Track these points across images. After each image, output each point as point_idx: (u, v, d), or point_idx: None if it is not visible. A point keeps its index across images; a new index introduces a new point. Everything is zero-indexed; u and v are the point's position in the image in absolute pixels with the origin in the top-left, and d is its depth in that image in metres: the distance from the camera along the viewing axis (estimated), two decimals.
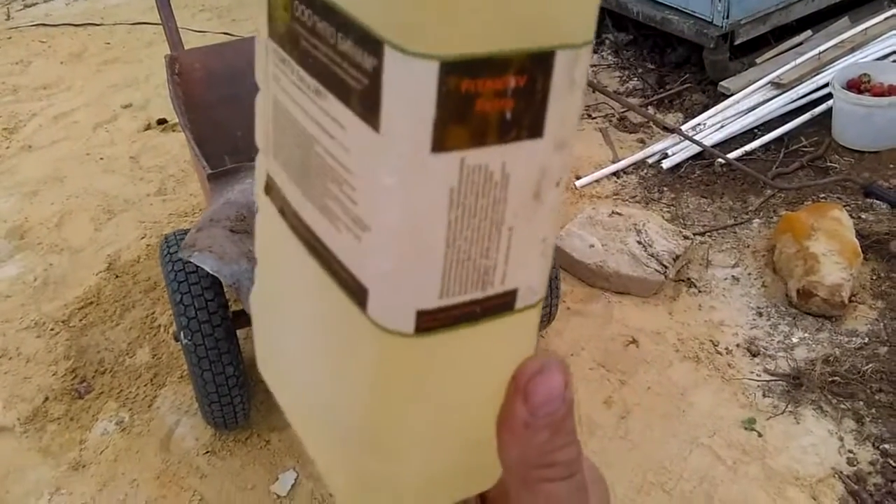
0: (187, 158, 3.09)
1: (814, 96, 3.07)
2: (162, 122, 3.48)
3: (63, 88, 3.87)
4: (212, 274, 1.59)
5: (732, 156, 2.86)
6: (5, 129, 3.53)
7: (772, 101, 3.07)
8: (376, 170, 0.27)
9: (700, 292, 2.40)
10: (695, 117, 3.12)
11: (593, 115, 3.32)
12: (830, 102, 2.92)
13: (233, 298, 2.03)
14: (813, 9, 3.36)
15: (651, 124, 3.20)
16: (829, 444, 1.92)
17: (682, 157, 2.93)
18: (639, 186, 2.87)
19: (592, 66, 3.65)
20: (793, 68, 3.13)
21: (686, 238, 2.46)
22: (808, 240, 2.31)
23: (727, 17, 3.12)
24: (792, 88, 3.09)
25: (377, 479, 0.33)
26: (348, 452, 0.33)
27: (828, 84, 2.95)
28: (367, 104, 0.27)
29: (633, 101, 3.37)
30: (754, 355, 2.17)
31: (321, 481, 1.75)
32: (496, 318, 0.31)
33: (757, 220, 2.65)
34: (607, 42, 3.82)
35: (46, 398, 2.21)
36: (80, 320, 2.46)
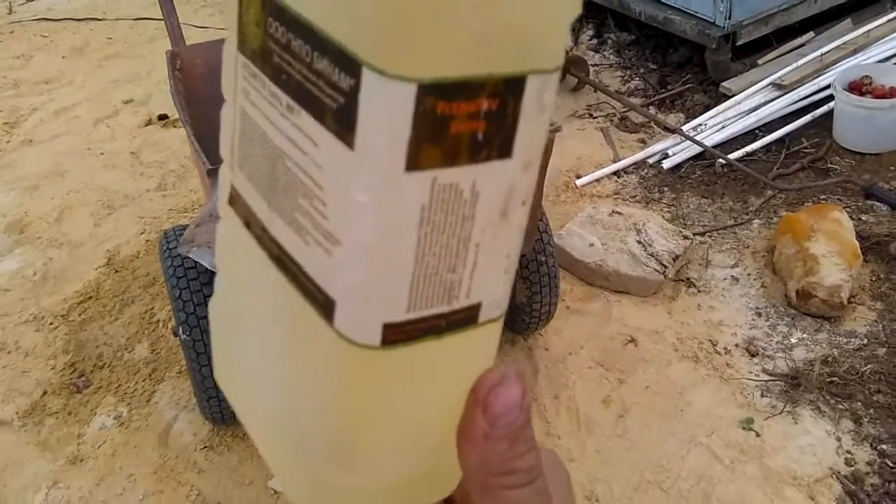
0: (188, 154, 3.09)
1: (815, 98, 3.07)
2: (163, 117, 3.48)
3: (64, 83, 3.87)
4: (210, 269, 1.59)
5: (733, 156, 2.86)
6: (6, 124, 3.53)
7: (773, 103, 3.07)
8: (349, 186, 0.28)
9: (699, 292, 2.40)
10: (696, 118, 3.12)
11: (594, 114, 3.32)
12: (832, 104, 2.92)
13: None
14: (815, 10, 3.36)
15: (652, 124, 3.20)
16: (826, 444, 1.92)
17: (682, 157, 2.93)
18: (639, 186, 2.87)
19: (595, 65, 3.64)
20: (794, 70, 3.13)
21: (686, 238, 2.46)
22: (807, 241, 2.31)
23: (729, 17, 3.12)
24: (793, 90, 3.09)
25: (342, 491, 0.34)
26: (312, 464, 0.34)
27: (829, 86, 2.95)
28: (342, 122, 0.27)
29: (635, 100, 3.37)
30: (753, 355, 2.17)
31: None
32: (460, 332, 0.31)
33: (757, 220, 2.65)
34: (609, 42, 3.81)
35: (45, 392, 2.21)
36: (80, 315, 2.46)
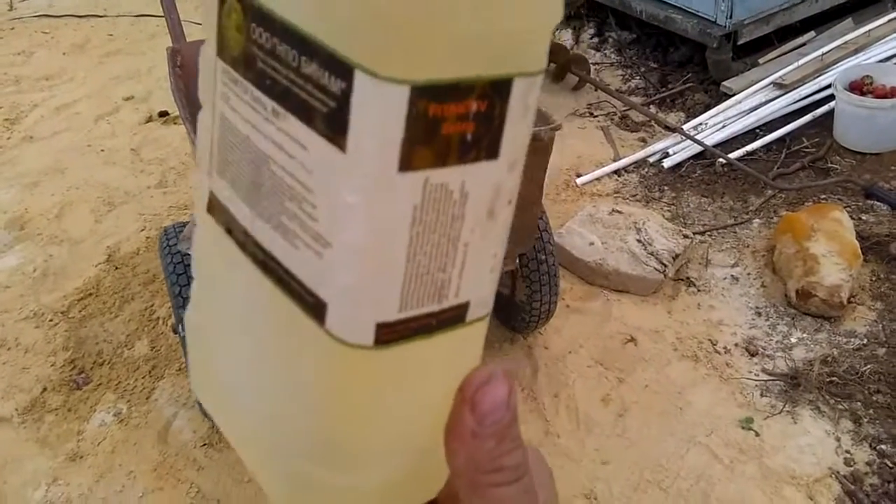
0: (188, 151, 3.08)
1: (816, 97, 3.07)
2: (163, 114, 3.48)
3: (65, 80, 3.87)
4: None
5: (734, 156, 2.86)
6: (7, 120, 3.53)
7: (774, 102, 3.07)
8: (340, 188, 0.28)
9: (699, 291, 2.40)
10: (696, 117, 3.12)
11: (595, 113, 3.32)
12: (832, 104, 2.92)
13: None
14: (817, 10, 3.36)
15: (653, 123, 3.20)
16: (826, 444, 1.93)
17: (683, 156, 2.93)
18: (639, 185, 2.87)
19: (596, 63, 3.64)
20: (795, 69, 3.13)
21: (686, 237, 2.46)
22: (808, 240, 2.31)
23: (731, 17, 3.12)
24: (794, 89, 3.09)
25: (331, 492, 0.34)
26: (300, 467, 0.33)
27: (830, 85, 2.95)
28: (332, 125, 0.27)
29: (635, 99, 3.36)
30: (752, 355, 2.17)
31: None
32: (449, 331, 0.32)
33: (757, 220, 2.65)
34: (610, 40, 3.81)
35: (44, 389, 2.21)
36: (80, 311, 2.46)
